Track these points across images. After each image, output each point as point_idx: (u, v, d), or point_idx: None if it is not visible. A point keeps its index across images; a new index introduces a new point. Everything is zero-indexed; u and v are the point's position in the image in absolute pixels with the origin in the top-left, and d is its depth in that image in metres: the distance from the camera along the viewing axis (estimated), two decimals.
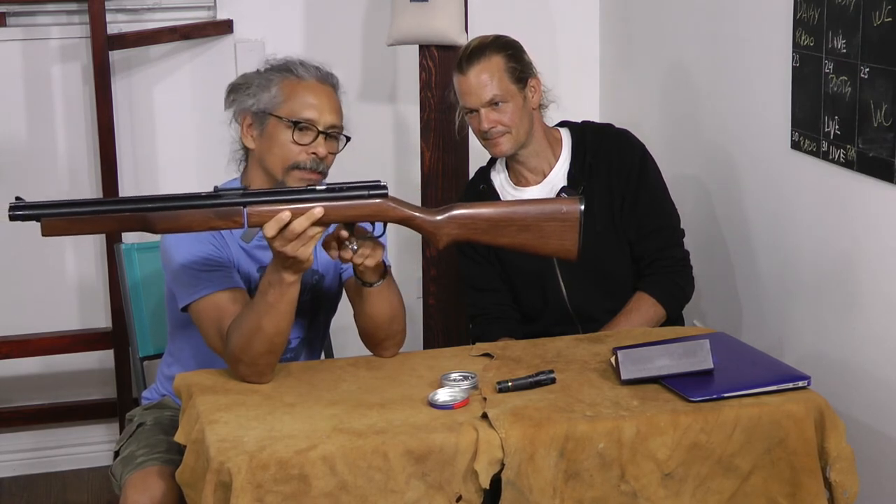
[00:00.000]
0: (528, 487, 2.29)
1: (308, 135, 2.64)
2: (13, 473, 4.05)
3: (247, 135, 2.70)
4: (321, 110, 2.65)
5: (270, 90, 2.67)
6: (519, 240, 2.54)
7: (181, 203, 2.40)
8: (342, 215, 2.45)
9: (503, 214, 2.54)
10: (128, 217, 2.38)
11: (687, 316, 3.25)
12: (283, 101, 2.65)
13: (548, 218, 2.53)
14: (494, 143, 3.06)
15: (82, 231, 2.38)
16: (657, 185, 3.17)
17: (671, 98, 3.77)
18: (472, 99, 3.04)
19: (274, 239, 2.39)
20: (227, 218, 2.40)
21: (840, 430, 2.44)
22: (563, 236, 2.53)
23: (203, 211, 2.40)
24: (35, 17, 3.88)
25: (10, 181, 3.86)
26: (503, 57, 3.04)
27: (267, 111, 2.66)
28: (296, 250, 2.40)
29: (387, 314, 2.64)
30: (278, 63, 2.73)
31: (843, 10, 2.84)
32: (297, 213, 2.39)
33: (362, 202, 2.46)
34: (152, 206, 2.39)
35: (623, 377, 2.49)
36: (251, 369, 2.53)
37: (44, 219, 2.34)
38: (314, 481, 2.22)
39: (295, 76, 2.68)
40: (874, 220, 2.84)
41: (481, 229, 2.53)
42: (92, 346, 3.88)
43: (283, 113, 2.64)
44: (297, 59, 2.72)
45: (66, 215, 2.35)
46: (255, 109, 2.67)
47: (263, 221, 2.39)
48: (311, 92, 2.67)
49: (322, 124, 2.65)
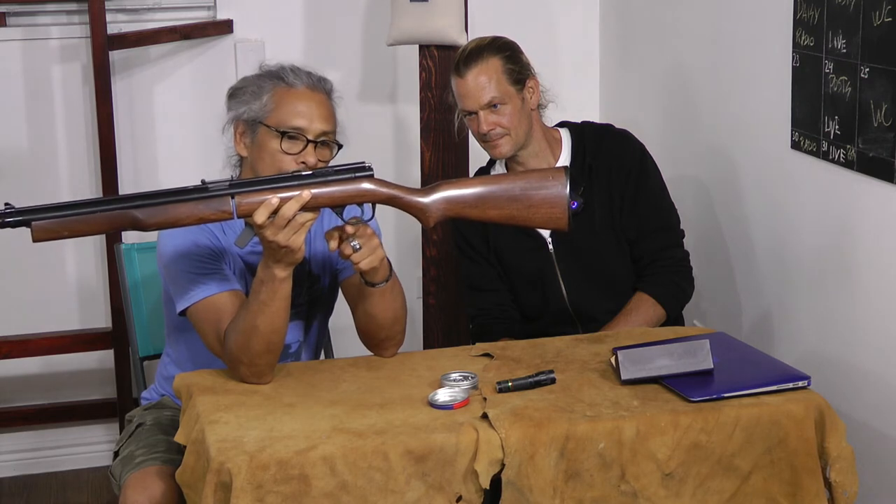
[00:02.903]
0: (528, 487, 2.29)
1: (297, 144, 2.62)
2: (13, 473, 4.05)
3: (239, 142, 2.69)
4: (311, 118, 2.63)
5: (262, 98, 2.65)
6: (508, 211, 2.53)
7: (169, 198, 2.40)
8: (330, 198, 2.45)
9: (490, 187, 2.53)
10: (117, 216, 2.38)
11: (687, 316, 3.25)
12: (273, 110, 2.63)
13: (535, 188, 2.53)
14: (494, 146, 3.06)
15: (73, 234, 2.37)
16: (657, 186, 3.17)
17: (671, 98, 3.77)
18: (471, 102, 3.04)
19: (265, 227, 2.39)
20: (215, 209, 2.41)
21: (840, 430, 2.44)
22: (551, 205, 2.53)
23: (191, 204, 2.40)
24: (35, 17, 3.88)
25: (9, 181, 3.87)
26: (500, 59, 3.04)
27: (258, 120, 2.64)
28: (287, 239, 2.40)
29: (390, 315, 2.64)
30: (271, 70, 2.70)
31: (843, 10, 2.84)
32: (286, 199, 2.40)
33: (349, 185, 2.46)
34: (140, 203, 2.39)
35: (623, 377, 2.49)
36: (251, 370, 2.53)
37: (34, 223, 2.34)
38: (314, 481, 2.22)
39: (285, 84, 2.65)
40: (874, 220, 2.84)
41: (470, 204, 2.53)
42: (92, 346, 3.88)
43: (272, 122, 2.62)
44: (288, 66, 2.69)
45: (56, 218, 2.34)
46: (246, 117, 2.66)
47: (252, 210, 2.39)
48: (302, 100, 2.64)
49: (312, 133, 2.62)
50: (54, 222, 2.35)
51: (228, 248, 2.69)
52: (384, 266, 2.59)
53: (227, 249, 2.69)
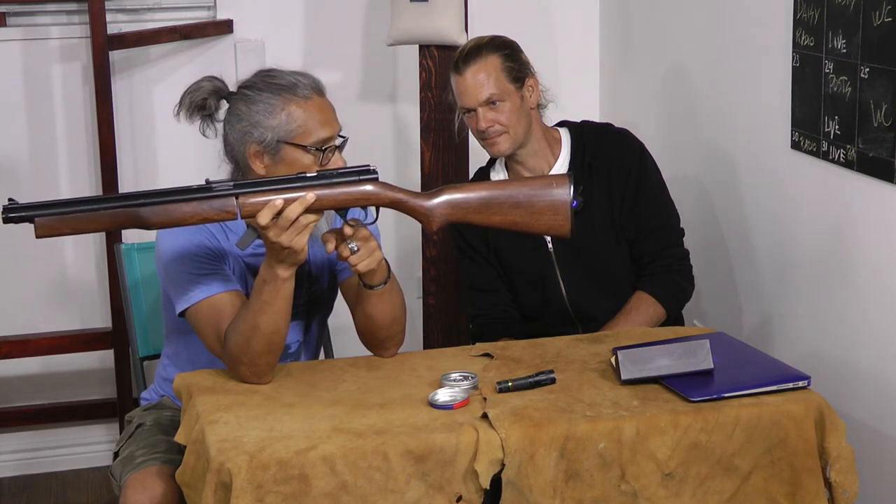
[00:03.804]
0: (528, 487, 2.29)
1: (328, 155, 2.58)
2: (13, 473, 4.05)
3: (256, 163, 2.59)
4: (331, 125, 2.59)
5: (278, 117, 2.56)
6: (511, 217, 2.53)
7: (173, 197, 2.40)
8: (334, 200, 2.44)
9: (494, 193, 2.53)
10: (120, 214, 2.37)
11: (687, 316, 3.25)
12: (300, 128, 2.56)
13: (539, 194, 2.53)
14: (492, 143, 3.06)
15: (76, 230, 2.37)
16: (657, 185, 3.17)
17: (671, 98, 3.77)
18: (469, 99, 3.04)
19: (268, 228, 2.39)
20: (219, 209, 2.40)
21: (840, 430, 2.44)
22: (554, 212, 2.53)
23: (195, 203, 2.40)
24: (35, 17, 3.88)
25: (9, 181, 3.87)
26: (500, 56, 3.04)
27: (281, 140, 2.56)
28: (291, 240, 2.40)
29: (388, 316, 2.64)
30: (274, 82, 2.60)
31: (843, 10, 2.84)
32: (290, 201, 2.39)
33: (353, 187, 2.46)
34: (144, 202, 2.38)
35: (623, 377, 2.49)
36: (251, 370, 2.53)
37: (37, 219, 2.34)
38: (314, 481, 2.22)
39: (298, 97, 2.58)
40: (874, 220, 2.84)
41: (473, 209, 2.53)
42: (92, 346, 3.88)
43: (304, 141, 2.55)
44: (289, 76, 2.61)
45: (60, 214, 2.34)
46: (267, 139, 2.56)
47: (256, 211, 2.39)
48: (319, 110, 2.59)
49: (334, 138, 2.61)
50: (58, 219, 2.35)
51: (229, 250, 2.68)
52: (382, 268, 2.58)
53: (227, 250, 2.68)
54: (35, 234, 2.36)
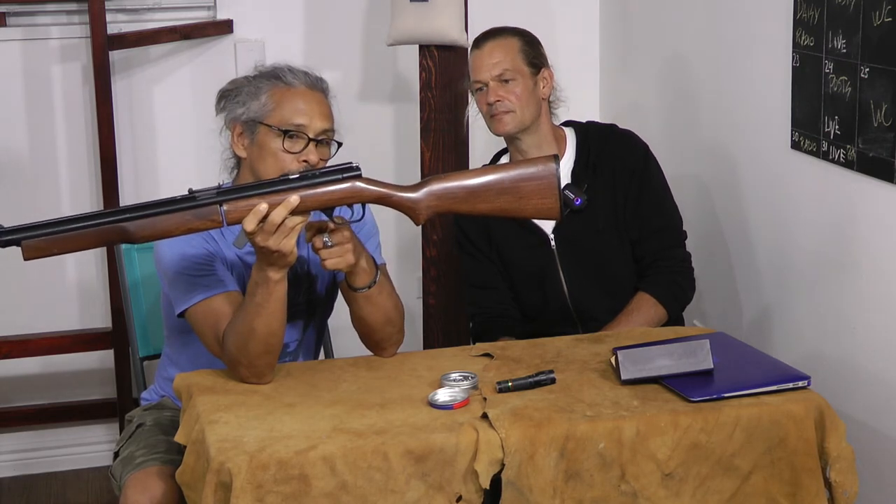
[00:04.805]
0: (528, 487, 2.29)
1: (298, 143, 2.61)
2: (13, 473, 4.05)
3: (237, 143, 2.68)
4: (311, 116, 2.62)
5: (260, 98, 2.64)
6: (498, 204, 2.51)
7: (157, 210, 2.39)
8: (319, 201, 2.44)
9: (479, 180, 2.51)
10: (106, 230, 2.37)
11: (687, 316, 3.25)
12: (273, 110, 2.62)
13: (525, 178, 2.50)
14: (498, 119, 3.05)
15: (64, 250, 2.36)
16: (660, 186, 3.18)
17: (671, 98, 3.77)
18: (483, 72, 3.05)
19: (255, 234, 2.39)
20: (204, 218, 2.40)
21: (840, 430, 2.44)
22: (541, 195, 2.51)
23: (180, 214, 2.40)
24: (35, 17, 3.88)
25: (9, 181, 3.87)
26: (519, 39, 3.10)
27: (257, 120, 2.63)
28: (278, 243, 2.40)
29: (380, 318, 2.64)
30: (267, 70, 2.69)
31: (843, 10, 2.84)
32: (274, 205, 2.39)
33: (337, 186, 2.45)
34: (129, 216, 2.38)
35: (623, 377, 2.49)
36: (250, 371, 2.53)
37: (24, 242, 2.34)
38: (314, 481, 2.22)
39: (284, 83, 2.65)
40: (874, 220, 2.84)
41: (459, 198, 2.51)
42: (92, 346, 3.88)
43: (273, 121, 2.61)
44: (285, 66, 2.69)
45: (45, 236, 2.34)
46: (244, 118, 2.65)
47: (241, 217, 2.39)
48: (301, 98, 2.63)
49: (312, 131, 2.62)
50: (44, 240, 2.35)
51: (227, 250, 2.68)
52: (364, 272, 2.58)
53: (225, 251, 2.69)
54: (23, 257, 2.35)
